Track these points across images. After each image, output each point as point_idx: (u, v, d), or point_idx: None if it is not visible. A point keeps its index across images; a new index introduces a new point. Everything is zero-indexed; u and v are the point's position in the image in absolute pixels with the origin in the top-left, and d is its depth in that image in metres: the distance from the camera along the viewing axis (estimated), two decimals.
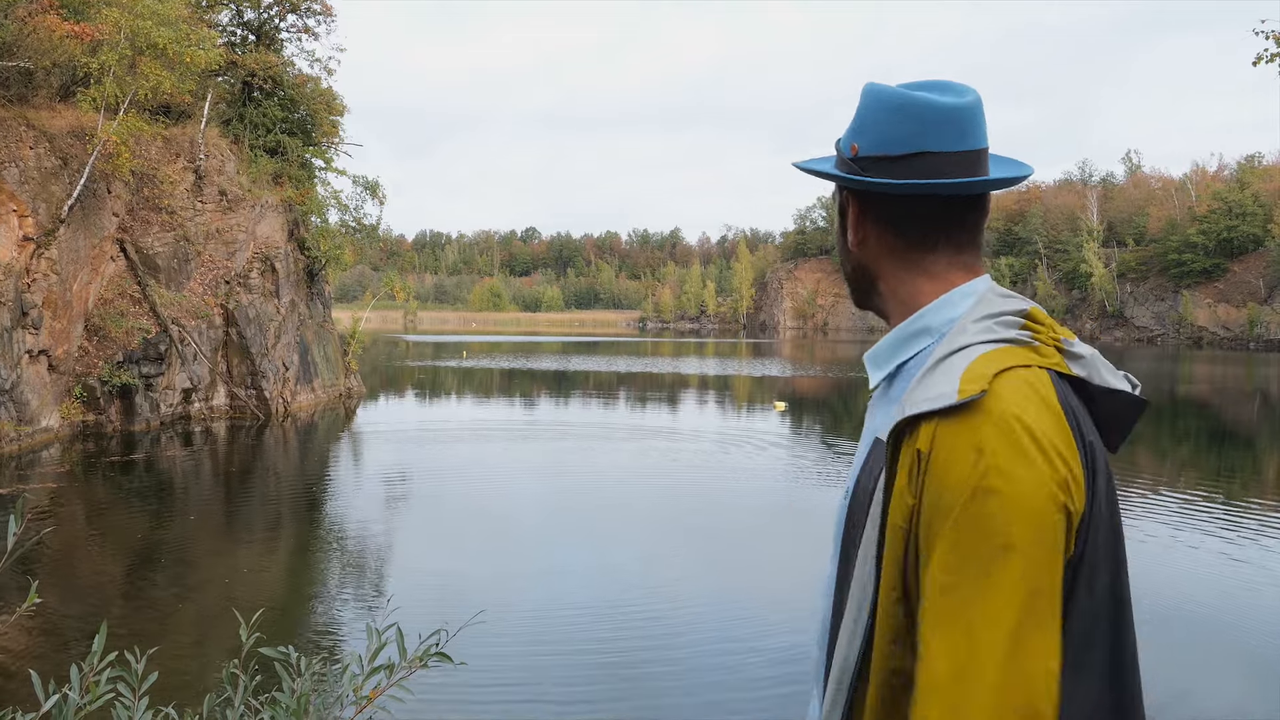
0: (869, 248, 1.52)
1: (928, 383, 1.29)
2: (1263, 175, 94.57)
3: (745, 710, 7.42)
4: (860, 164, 1.47)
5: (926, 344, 1.44)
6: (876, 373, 1.51)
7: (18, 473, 16.41)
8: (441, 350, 66.84)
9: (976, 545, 1.18)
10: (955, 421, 1.23)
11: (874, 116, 1.47)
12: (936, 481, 1.22)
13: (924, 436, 1.24)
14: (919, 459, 1.24)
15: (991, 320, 1.37)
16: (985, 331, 1.35)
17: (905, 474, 1.26)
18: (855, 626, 1.31)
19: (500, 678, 7.86)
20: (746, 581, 11.10)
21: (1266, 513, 14.48)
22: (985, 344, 1.33)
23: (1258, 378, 47.64)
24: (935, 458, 1.22)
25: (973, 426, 1.22)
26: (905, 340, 1.47)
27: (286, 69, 30.01)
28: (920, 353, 1.44)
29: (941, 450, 1.22)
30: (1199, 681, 7.96)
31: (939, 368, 1.31)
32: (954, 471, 1.20)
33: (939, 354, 1.34)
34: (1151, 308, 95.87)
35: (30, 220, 19.45)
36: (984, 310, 1.39)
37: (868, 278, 1.55)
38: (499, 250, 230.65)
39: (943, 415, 1.24)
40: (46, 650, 8.19)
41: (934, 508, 1.21)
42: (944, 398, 1.24)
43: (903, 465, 1.26)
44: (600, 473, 18.15)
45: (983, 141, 1.46)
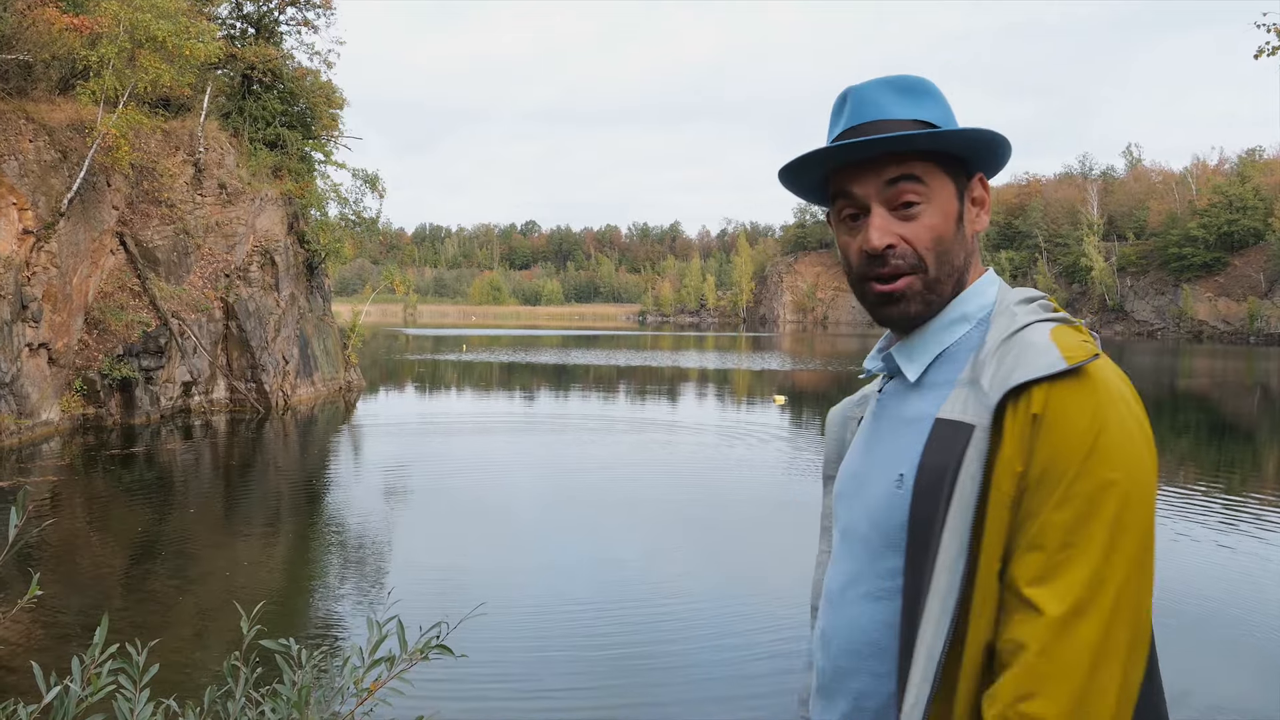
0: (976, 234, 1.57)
1: (1017, 355, 1.34)
2: (1263, 169, 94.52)
3: (746, 703, 7.43)
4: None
5: (965, 330, 1.49)
6: (914, 364, 1.52)
7: (18, 466, 16.42)
8: (441, 344, 66.85)
9: (1098, 501, 1.24)
10: (1067, 385, 1.29)
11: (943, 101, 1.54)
12: (1053, 442, 1.26)
13: (1038, 400, 1.29)
14: (1033, 422, 1.28)
15: (1034, 304, 1.46)
16: (1037, 312, 1.42)
17: (1015, 441, 1.29)
18: (943, 609, 1.30)
19: (501, 670, 7.87)
20: (748, 575, 11.11)
21: (1267, 507, 14.48)
22: (1046, 321, 1.39)
23: (1258, 372, 47.63)
24: (1052, 419, 1.27)
25: (1083, 388, 1.29)
26: (944, 329, 1.50)
27: (286, 62, 30.00)
28: (961, 339, 1.49)
29: (1058, 411, 1.27)
30: (1200, 675, 7.96)
31: (1016, 342, 1.36)
32: (1072, 431, 1.26)
33: (1002, 331, 1.39)
34: (1152, 301, 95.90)
35: (30, 213, 19.44)
36: (1018, 295, 1.48)
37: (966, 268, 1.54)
38: (499, 244, 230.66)
39: (1052, 380, 1.29)
40: (47, 643, 8.20)
41: (1046, 470, 1.26)
42: (1052, 365, 1.29)
43: (1010, 433, 1.29)
44: (600, 466, 18.16)
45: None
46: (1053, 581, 1.23)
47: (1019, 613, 1.25)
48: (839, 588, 1.51)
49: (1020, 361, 1.32)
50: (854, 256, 1.52)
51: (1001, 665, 1.25)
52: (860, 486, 1.53)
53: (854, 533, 1.51)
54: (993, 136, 1.49)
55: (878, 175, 1.48)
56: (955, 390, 1.40)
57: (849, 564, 1.50)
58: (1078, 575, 1.22)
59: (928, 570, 1.33)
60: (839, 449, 1.78)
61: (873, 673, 1.44)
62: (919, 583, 1.35)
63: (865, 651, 1.44)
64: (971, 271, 1.54)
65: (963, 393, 1.38)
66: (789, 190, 1.64)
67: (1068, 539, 1.23)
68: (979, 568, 1.28)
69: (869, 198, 1.49)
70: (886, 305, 1.50)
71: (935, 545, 1.33)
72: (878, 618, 1.43)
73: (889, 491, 1.44)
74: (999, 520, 1.28)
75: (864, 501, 1.50)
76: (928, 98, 1.52)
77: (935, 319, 1.50)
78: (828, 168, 1.54)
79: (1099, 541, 1.22)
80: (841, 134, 1.53)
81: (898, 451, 1.46)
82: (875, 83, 1.53)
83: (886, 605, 1.42)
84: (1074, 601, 1.21)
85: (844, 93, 1.55)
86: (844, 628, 1.48)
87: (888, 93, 1.51)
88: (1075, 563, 1.22)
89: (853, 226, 1.52)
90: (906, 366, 1.52)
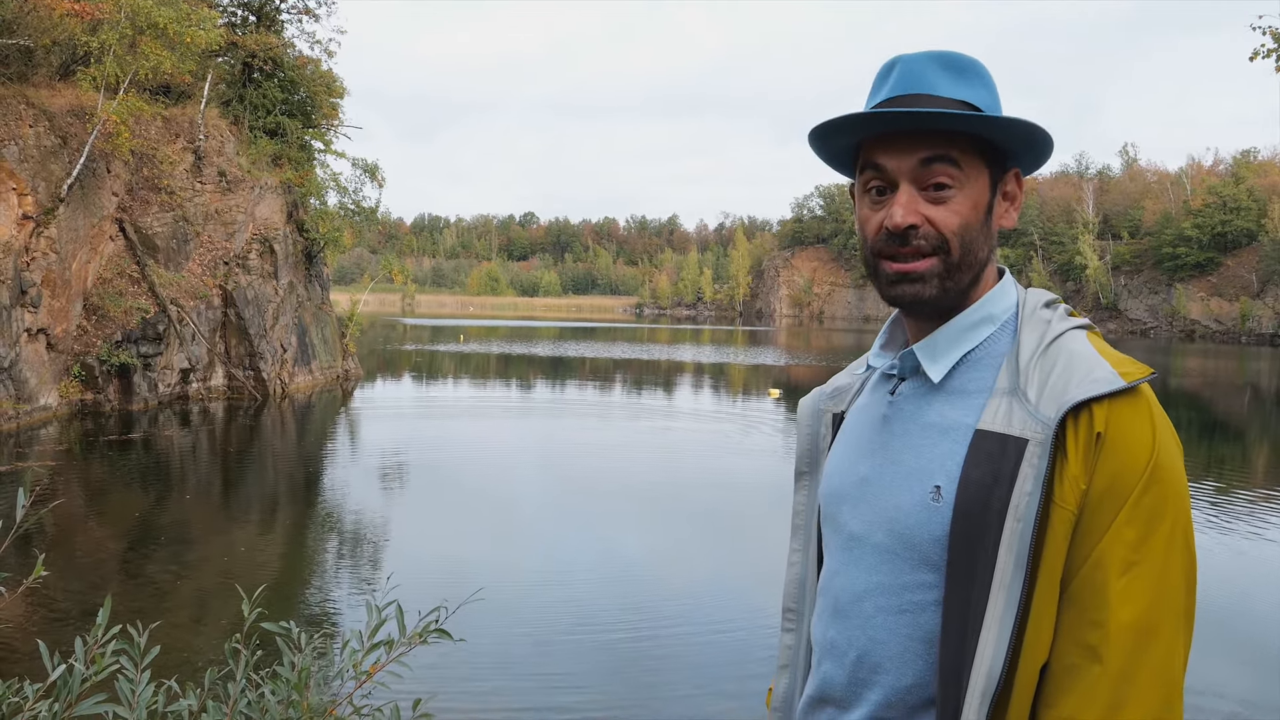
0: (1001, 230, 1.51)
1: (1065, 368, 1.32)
2: (1257, 170, 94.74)
3: (745, 690, 7.47)
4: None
5: (990, 331, 1.44)
6: (937, 364, 1.45)
7: (16, 450, 16.43)
8: (439, 334, 66.73)
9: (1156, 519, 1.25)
10: (1126, 403, 1.28)
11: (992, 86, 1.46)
12: (1117, 460, 1.26)
13: (1099, 418, 1.27)
14: (1096, 441, 1.26)
15: (1059, 309, 1.45)
16: (1063, 319, 1.42)
17: (1079, 457, 1.27)
18: (1002, 630, 1.26)
19: (499, 655, 7.91)
20: (746, 562, 11.16)
21: (1258, 503, 14.54)
22: (1077, 329, 1.40)
23: (1249, 371, 47.68)
24: (1114, 438, 1.26)
25: (1139, 407, 1.28)
26: (968, 330, 1.45)
27: (287, 50, 29.92)
28: (985, 341, 1.44)
29: (1119, 430, 1.26)
30: (1191, 667, 8.01)
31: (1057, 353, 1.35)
32: (1134, 451, 1.26)
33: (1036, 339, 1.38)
34: (1145, 300, 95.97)
35: (30, 199, 19.42)
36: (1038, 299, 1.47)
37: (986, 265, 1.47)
38: (497, 235, 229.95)
39: (1113, 397, 1.28)
40: (47, 625, 8.24)
41: (1109, 489, 1.25)
42: (1109, 381, 1.28)
43: (1075, 449, 1.27)
44: (598, 455, 18.20)
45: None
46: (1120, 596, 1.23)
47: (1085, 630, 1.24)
48: (852, 598, 1.45)
49: (1073, 375, 1.31)
50: (872, 231, 1.44)
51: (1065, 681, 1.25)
52: (873, 492, 1.45)
53: (866, 541, 1.44)
54: (1037, 131, 1.41)
55: (912, 151, 1.40)
56: (994, 399, 1.35)
57: (861, 574, 1.44)
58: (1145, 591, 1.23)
59: (976, 589, 1.29)
60: (813, 444, 1.70)
61: (896, 686, 1.39)
62: (964, 600, 1.30)
63: (888, 666, 1.40)
64: (993, 266, 1.49)
65: (1004, 403, 1.34)
66: (816, 154, 1.54)
67: (1132, 556, 1.23)
68: (1037, 586, 1.26)
69: (899, 173, 1.41)
70: (901, 284, 1.42)
71: (986, 564, 1.28)
72: (902, 631, 1.39)
73: (922, 504, 1.37)
74: (1060, 538, 1.26)
75: (881, 510, 1.43)
76: (977, 80, 1.44)
77: (958, 317, 1.44)
78: (861, 136, 1.46)
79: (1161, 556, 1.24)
80: (882, 103, 1.44)
81: (930, 461, 1.39)
82: (925, 55, 1.44)
83: (912, 619, 1.38)
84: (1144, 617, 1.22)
85: (892, 60, 1.46)
86: (863, 640, 1.43)
87: (937, 68, 1.42)
88: (1143, 579, 1.23)
89: (877, 201, 1.44)
90: (930, 366, 1.45)
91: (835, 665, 1.47)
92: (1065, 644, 1.25)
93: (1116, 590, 1.23)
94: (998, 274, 1.51)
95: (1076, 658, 1.24)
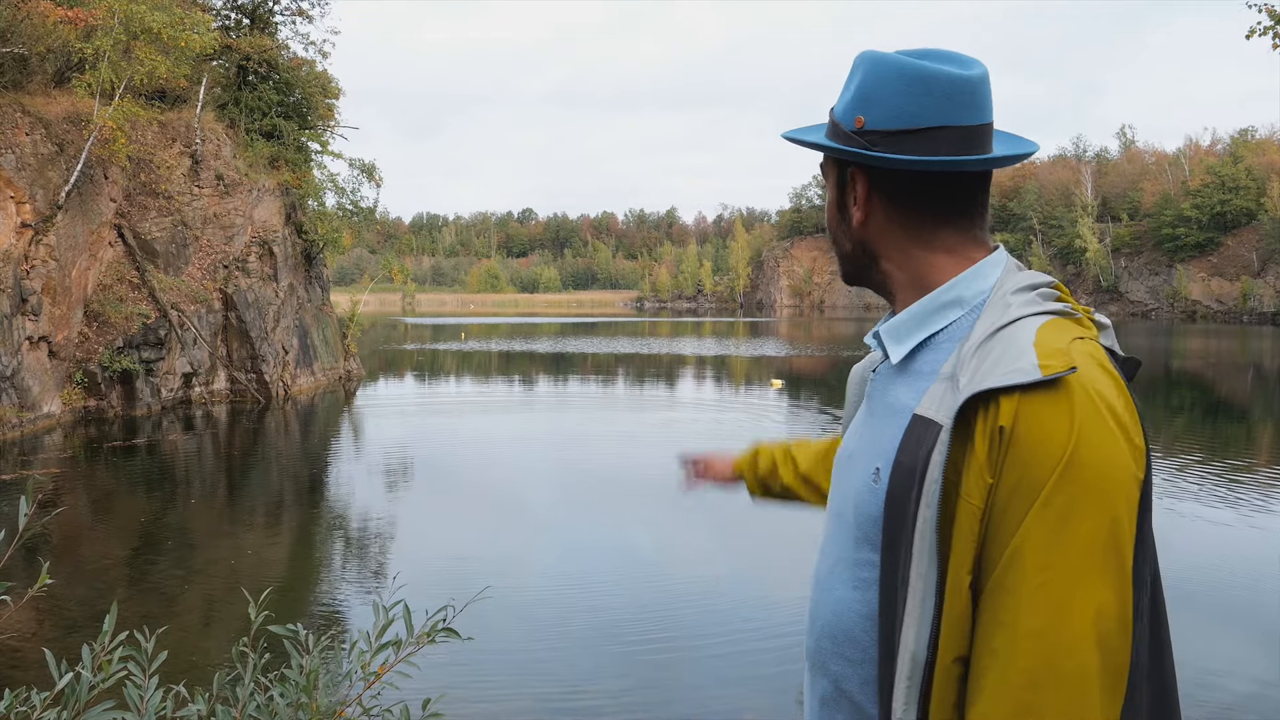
0: (875, 224, 1.46)
1: (996, 357, 1.25)
2: (1256, 149, 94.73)
3: (756, 685, 7.47)
4: (868, 138, 1.41)
5: (957, 316, 1.40)
6: (898, 346, 1.44)
7: (20, 458, 16.45)
8: (440, 332, 66.77)
9: (1070, 520, 1.16)
10: (1040, 396, 1.19)
11: (884, 87, 1.40)
12: (1023, 458, 1.18)
13: (1005, 412, 1.20)
14: (1000, 435, 1.20)
15: (1033, 292, 1.35)
16: (1032, 304, 1.32)
17: (984, 451, 1.21)
18: (921, 616, 1.24)
19: (508, 653, 7.92)
20: (757, 555, 11.15)
21: (1262, 484, 14.53)
22: (1038, 315, 1.30)
23: (1251, 351, 47.68)
24: (1020, 433, 1.19)
25: (1058, 401, 1.19)
26: (933, 313, 1.42)
27: (281, 52, 29.89)
28: (951, 325, 1.40)
29: (1028, 426, 1.19)
30: (1197, 645, 8.01)
31: (998, 340, 1.27)
32: (1045, 447, 1.18)
33: (988, 325, 1.31)
34: (1146, 282, 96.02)
35: (28, 206, 19.42)
36: (1018, 282, 1.37)
37: (869, 254, 1.49)
38: (496, 232, 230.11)
39: (1024, 390, 1.20)
40: (55, 632, 8.25)
41: (1019, 484, 1.18)
42: (1025, 373, 1.20)
43: (981, 443, 1.21)
44: (601, 451, 18.20)
45: (991, 115, 1.42)
46: (1033, 607, 1.17)
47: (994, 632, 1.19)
48: (825, 570, 1.48)
49: (997, 363, 1.24)
50: None
51: (979, 681, 1.21)
52: (849, 469, 1.48)
53: (840, 517, 1.47)
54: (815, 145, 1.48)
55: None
56: (936, 384, 1.32)
57: (833, 547, 1.47)
58: (1055, 599, 1.16)
59: (901, 573, 1.28)
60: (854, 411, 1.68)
61: (850, 659, 1.42)
62: (893, 583, 1.30)
63: (842, 638, 1.42)
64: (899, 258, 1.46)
65: (941, 388, 1.31)
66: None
67: (1042, 560, 1.17)
68: (948, 580, 1.23)
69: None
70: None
71: (909, 550, 1.27)
72: (855, 607, 1.40)
73: (867, 483, 1.39)
74: (967, 531, 1.21)
75: (851, 486, 1.45)
76: (848, 80, 1.47)
77: (924, 299, 1.42)
78: None
79: (1076, 562, 1.16)
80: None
81: (879, 441, 1.40)
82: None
83: (863, 596, 1.39)
84: (1053, 626, 1.16)
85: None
86: (826, 612, 1.46)
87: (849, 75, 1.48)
88: (1053, 586, 1.16)
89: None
90: (892, 348, 1.45)
91: (809, 634, 1.51)
92: (979, 643, 1.21)
93: (1024, 596, 1.17)
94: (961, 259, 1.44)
95: (987, 659, 1.20)
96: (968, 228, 1.44)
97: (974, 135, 1.39)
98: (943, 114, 1.37)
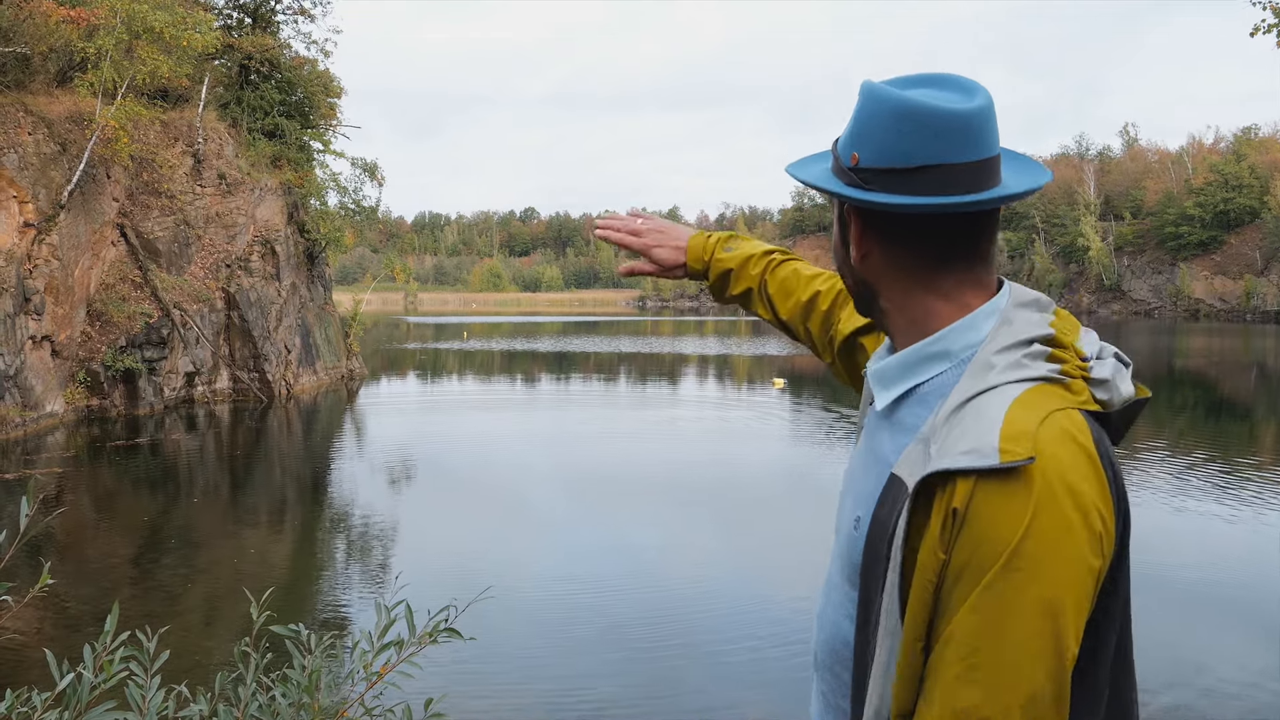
0: (873, 264, 1.39)
1: (961, 431, 1.19)
2: (1259, 147, 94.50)
3: (760, 685, 7.47)
4: (862, 175, 1.33)
5: (943, 369, 1.33)
6: (884, 393, 1.39)
7: (24, 458, 16.47)
8: (442, 332, 66.82)
9: (1008, 609, 1.13)
10: (996, 484, 1.14)
11: (876, 123, 1.32)
12: (971, 543, 1.14)
13: (960, 494, 1.15)
14: (953, 516, 1.16)
15: (1019, 352, 1.26)
16: (1015, 368, 1.24)
17: (938, 528, 1.17)
18: (886, 671, 1.22)
19: (510, 653, 7.92)
20: (760, 555, 11.15)
21: (1265, 480, 14.52)
22: (1016, 383, 1.23)
23: (1254, 349, 47.64)
24: (972, 518, 1.15)
25: (1014, 490, 1.13)
26: (919, 363, 1.35)
27: (283, 51, 29.91)
28: (936, 377, 1.34)
29: (978, 512, 1.14)
30: (1197, 640, 8.01)
31: (968, 411, 1.22)
32: (993, 536, 1.13)
33: (965, 392, 1.24)
34: (1148, 281, 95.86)
35: (31, 206, 19.44)
36: (1008, 338, 1.28)
37: (870, 292, 1.42)
38: (498, 231, 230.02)
39: (981, 475, 1.14)
40: (57, 632, 8.26)
41: (965, 568, 1.15)
42: (983, 455, 1.15)
43: (935, 519, 1.17)
44: (604, 450, 18.20)
45: (996, 148, 1.33)
46: (962, 689, 1.14)
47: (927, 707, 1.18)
48: (830, 584, 1.45)
49: (961, 439, 1.19)
50: None
51: None
52: (844, 502, 1.45)
53: (838, 540, 1.44)
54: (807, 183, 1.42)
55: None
56: (913, 444, 1.27)
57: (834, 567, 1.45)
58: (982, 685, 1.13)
59: (872, 625, 1.27)
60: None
61: (840, 678, 1.40)
62: (865, 634, 1.29)
63: (834, 657, 1.41)
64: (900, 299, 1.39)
65: (917, 450, 1.26)
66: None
67: (975, 643, 1.13)
68: (902, 645, 1.20)
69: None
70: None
71: (879, 606, 1.25)
72: (845, 635, 1.38)
73: (850, 529, 1.38)
74: (921, 602, 1.18)
75: (844, 521, 1.43)
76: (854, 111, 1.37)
77: (914, 347, 1.37)
78: None
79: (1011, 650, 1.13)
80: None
81: (864, 487, 1.37)
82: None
83: (851, 628, 1.37)
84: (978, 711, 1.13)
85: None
86: (827, 625, 1.44)
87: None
88: (982, 672, 1.13)
89: None
90: (878, 394, 1.41)
91: (815, 637, 1.49)
92: (918, 712, 1.19)
93: (953, 676, 1.15)
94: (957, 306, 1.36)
95: None
96: (966, 270, 1.35)
97: (971, 173, 1.30)
98: (935, 152, 1.29)
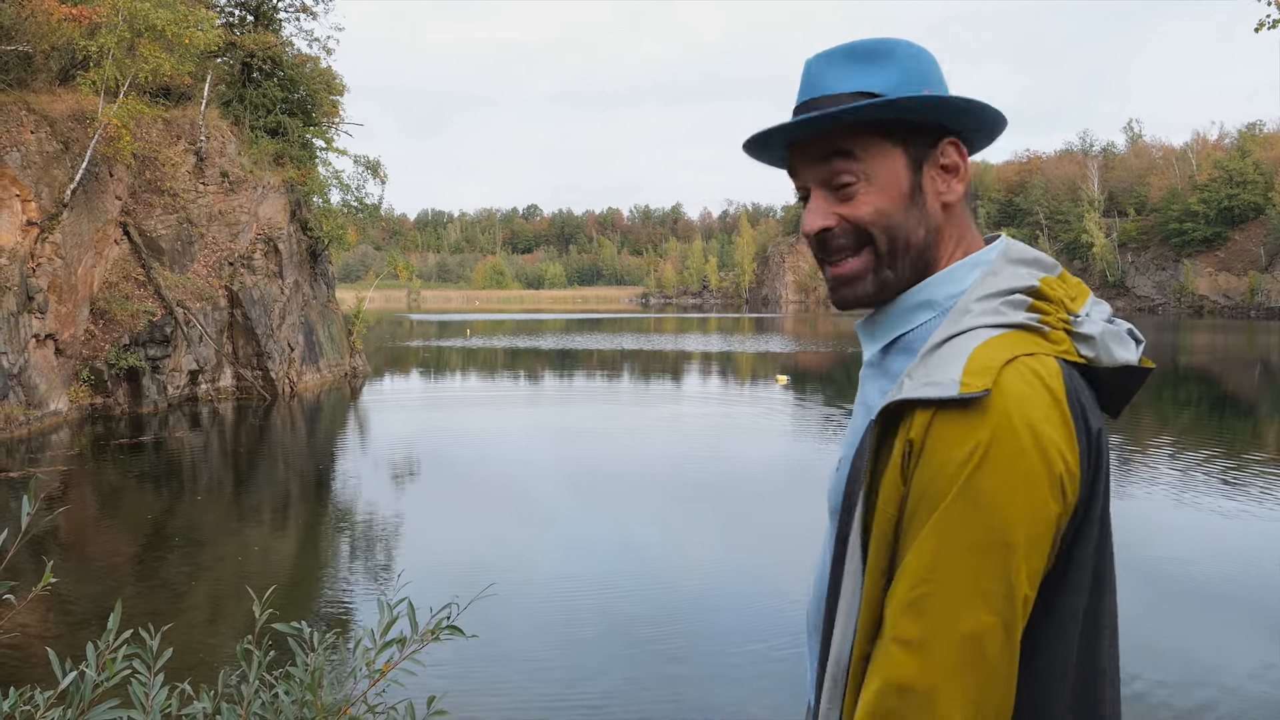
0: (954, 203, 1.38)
1: (928, 366, 1.21)
2: (1263, 143, 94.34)
3: (764, 682, 7.46)
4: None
5: (927, 318, 1.35)
6: (871, 344, 1.42)
7: (28, 456, 16.48)
8: (446, 329, 66.87)
9: (955, 540, 1.13)
10: (953, 415, 1.15)
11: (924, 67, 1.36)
12: (926, 474, 1.16)
13: (918, 425, 1.17)
14: (910, 448, 1.18)
15: (998, 300, 1.27)
16: (991, 313, 1.26)
17: (898, 460, 1.19)
18: (849, 616, 1.24)
19: (513, 651, 7.91)
20: (764, 549, 11.14)
21: (1269, 476, 14.49)
22: (990, 328, 1.24)
23: (1259, 346, 47.55)
24: (928, 449, 1.16)
25: (970, 422, 1.14)
26: (906, 312, 1.37)
27: (285, 49, 29.90)
28: (921, 326, 1.35)
29: (935, 443, 1.15)
30: (1199, 635, 8.00)
31: (941, 350, 1.23)
32: (946, 467, 1.14)
33: (941, 334, 1.26)
34: (1153, 277, 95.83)
35: (33, 205, 19.45)
36: (989, 287, 1.29)
37: (932, 241, 1.37)
38: (501, 228, 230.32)
39: (940, 406, 1.16)
40: (61, 630, 8.26)
41: (921, 499, 1.16)
42: (942, 387, 1.16)
43: (895, 451, 1.19)
44: (607, 447, 18.20)
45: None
46: (908, 618, 1.14)
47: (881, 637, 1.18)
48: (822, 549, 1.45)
49: (919, 375, 1.21)
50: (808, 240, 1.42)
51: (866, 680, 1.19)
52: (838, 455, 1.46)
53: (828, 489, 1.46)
54: (939, 102, 1.33)
55: (814, 154, 1.37)
56: (895, 386, 1.26)
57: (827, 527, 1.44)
58: (929, 609, 1.13)
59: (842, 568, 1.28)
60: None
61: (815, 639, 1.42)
62: (837, 580, 1.30)
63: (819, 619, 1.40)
64: (949, 246, 1.38)
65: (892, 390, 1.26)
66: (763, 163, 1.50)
67: (924, 575, 1.13)
68: (865, 580, 1.22)
69: (810, 179, 1.39)
70: (840, 288, 1.39)
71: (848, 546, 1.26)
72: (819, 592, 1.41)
73: (834, 476, 1.39)
74: (883, 535, 1.20)
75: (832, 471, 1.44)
76: (879, 63, 1.35)
77: (900, 299, 1.37)
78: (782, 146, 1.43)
79: (956, 580, 1.12)
80: (795, 109, 1.40)
81: (850, 434, 1.39)
82: (826, 53, 1.39)
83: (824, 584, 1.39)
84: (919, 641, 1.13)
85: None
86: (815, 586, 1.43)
87: (835, 64, 1.36)
88: (930, 601, 1.13)
89: (804, 207, 1.42)
90: (865, 345, 1.43)
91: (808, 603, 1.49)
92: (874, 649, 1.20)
93: (901, 607, 1.15)
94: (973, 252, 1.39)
95: (870, 665, 1.19)
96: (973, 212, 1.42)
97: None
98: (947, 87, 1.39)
